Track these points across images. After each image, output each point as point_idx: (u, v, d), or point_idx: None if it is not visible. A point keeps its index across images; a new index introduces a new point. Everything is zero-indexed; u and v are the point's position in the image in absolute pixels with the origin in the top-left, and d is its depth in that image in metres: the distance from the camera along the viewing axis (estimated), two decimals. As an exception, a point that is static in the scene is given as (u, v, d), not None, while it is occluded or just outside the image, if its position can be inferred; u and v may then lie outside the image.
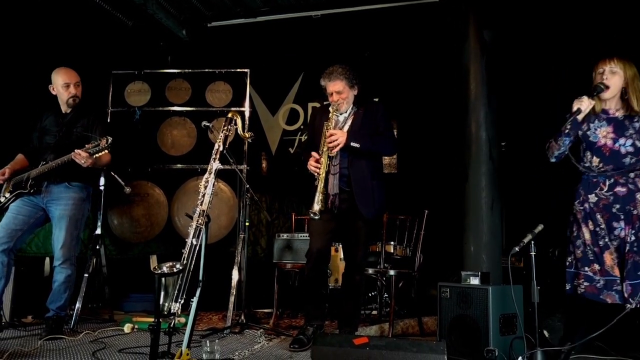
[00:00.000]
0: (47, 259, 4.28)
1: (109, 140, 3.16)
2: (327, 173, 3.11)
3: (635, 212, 2.65)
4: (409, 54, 5.23)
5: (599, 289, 2.66)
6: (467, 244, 3.75)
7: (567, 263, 2.80)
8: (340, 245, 4.05)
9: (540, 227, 2.67)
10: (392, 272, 3.76)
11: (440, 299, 2.97)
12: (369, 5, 5.21)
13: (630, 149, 2.67)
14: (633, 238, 2.63)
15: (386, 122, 3.27)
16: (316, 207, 3.00)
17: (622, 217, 2.65)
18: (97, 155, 3.18)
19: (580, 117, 2.71)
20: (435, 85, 5.00)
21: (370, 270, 3.82)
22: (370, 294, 4.58)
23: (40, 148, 3.48)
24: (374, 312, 4.46)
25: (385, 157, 5.17)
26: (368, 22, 5.25)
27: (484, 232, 3.72)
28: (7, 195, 3.37)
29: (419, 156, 5.12)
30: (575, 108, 2.68)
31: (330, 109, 3.20)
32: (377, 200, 3.21)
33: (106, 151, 3.19)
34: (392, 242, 4.28)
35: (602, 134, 2.73)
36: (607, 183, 2.70)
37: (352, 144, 3.09)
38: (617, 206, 2.66)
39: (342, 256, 4.07)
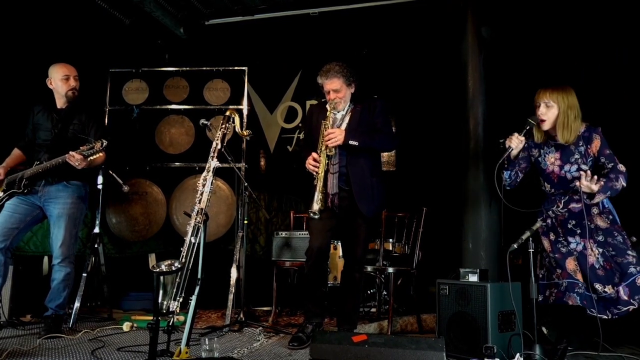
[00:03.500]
0: (46, 258, 4.28)
1: (104, 144, 3.16)
2: (326, 172, 3.10)
3: (592, 225, 2.77)
4: (407, 51, 5.22)
5: (562, 292, 2.77)
6: (466, 241, 3.76)
7: (540, 275, 2.94)
8: (339, 243, 4.05)
9: (538, 224, 2.69)
10: (390, 270, 3.76)
11: (439, 296, 2.97)
12: (366, 3, 5.20)
13: (576, 174, 2.80)
14: (601, 249, 2.74)
15: (384, 118, 3.25)
16: (316, 206, 2.99)
17: (578, 231, 2.78)
18: (91, 158, 3.18)
19: (513, 153, 2.90)
20: (434, 82, 5.00)
21: (369, 268, 3.82)
22: (369, 292, 4.59)
23: (34, 144, 3.46)
24: (373, 310, 4.47)
25: (384, 155, 5.18)
26: (366, 20, 5.25)
27: (482, 229, 3.72)
28: (0, 194, 3.36)
29: (418, 153, 5.12)
30: (506, 146, 2.88)
31: (328, 107, 3.19)
32: (377, 197, 3.21)
33: (100, 154, 3.19)
34: (390, 240, 4.28)
35: (550, 161, 2.89)
36: (563, 200, 2.86)
37: (351, 142, 3.08)
38: (573, 222, 2.80)
39: (340, 254, 4.08)
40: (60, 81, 3.43)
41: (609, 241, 2.73)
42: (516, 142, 2.87)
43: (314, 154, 3.11)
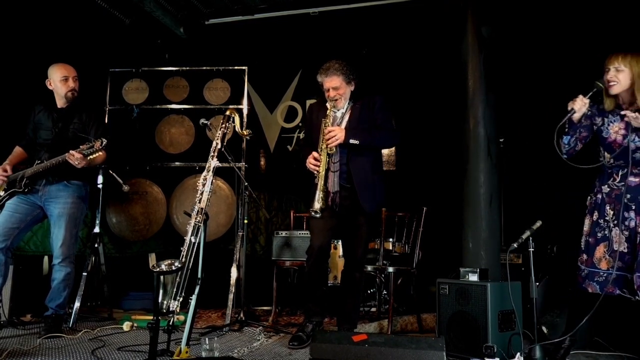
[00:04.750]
0: (46, 258, 4.28)
1: (104, 143, 3.16)
2: (327, 170, 3.10)
3: None
4: (407, 50, 5.22)
5: (583, 278, 2.71)
6: (466, 241, 3.75)
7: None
8: (339, 242, 4.05)
9: (538, 224, 2.68)
10: (390, 269, 3.76)
11: (439, 295, 2.97)
12: (366, 2, 5.20)
13: (639, 144, 2.64)
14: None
15: (384, 113, 3.24)
16: (317, 205, 2.99)
17: (634, 207, 2.65)
18: (91, 157, 3.18)
19: (576, 116, 2.71)
20: (434, 81, 4.99)
21: (369, 268, 3.82)
22: (369, 291, 4.59)
23: (35, 143, 3.47)
24: (373, 309, 4.47)
25: (384, 154, 5.18)
26: (366, 19, 5.24)
27: (482, 229, 3.72)
28: (2, 193, 3.37)
29: (418, 153, 5.12)
30: (569, 108, 2.69)
31: (328, 105, 3.19)
32: (378, 194, 3.21)
33: (100, 153, 3.19)
34: (390, 239, 4.28)
35: (614, 130, 2.72)
36: (620, 173, 2.70)
37: (351, 140, 3.08)
38: (629, 196, 2.66)
39: (341, 253, 4.07)
40: (59, 82, 3.43)
41: None
42: (580, 104, 2.68)
43: (315, 153, 3.11)
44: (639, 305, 2.68)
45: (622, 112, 2.63)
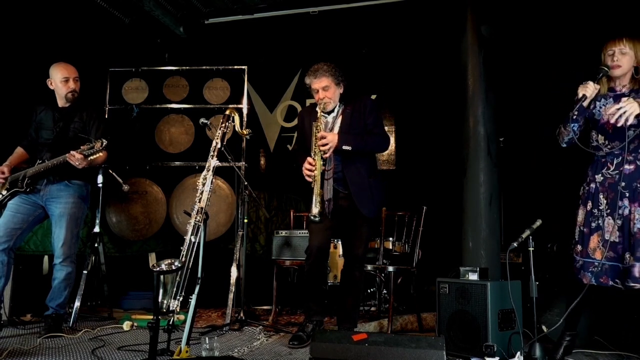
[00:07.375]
0: (46, 257, 4.28)
1: (104, 143, 3.16)
2: (323, 173, 3.09)
3: None
4: (407, 49, 5.22)
5: (578, 269, 2.70)
6: (466, 240, 3.76)
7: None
8: (339, 242, 4.06)
9: (538, 223, 2.68)
10: (390, 269, 3.76)
11: (439, 294, 2.97)
12: (366, 2, 5.20)
13: (634, 122, 2.55)
14: (638, 216, 2.58)
15: (375, 117, 3.23)
16: (315, 210, 2.98)
17: (627, 194, 2.62)
18: (91, 157, 3.18)
19: (586, 103, 2.70)
20: (434, 81, 5.00)
21: (369, 267, 3.82)
22: (369, 290, 4.59)
23: (37, 143, 3.47)
24: (373, 309, 4.47)
25: (384, 154, 5.19)
26: (365, 19, 5.25)
27: (482, 228, 3.72)
28: (4, 193, 3.37)
29: (418, 152, 5.12)
30: (580, 94, 2.67)
31: (318, 109, 3.17)
32: (377, 197, 3.20)
33: (100, 153, 3.19)
34: (390, 239, 4.28)
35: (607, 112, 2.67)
36: (615, 162, 2.68)
37: (344, 147, 3.07)
38: (623, 184, 2.63)
39: (340, 253, 4.08)
40: (60, 83, 3.43)
41: None
42: (592, 90, 2.67)
43: (309, 159, 3.10)
44: (639, 304, 2.68)
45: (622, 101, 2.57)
